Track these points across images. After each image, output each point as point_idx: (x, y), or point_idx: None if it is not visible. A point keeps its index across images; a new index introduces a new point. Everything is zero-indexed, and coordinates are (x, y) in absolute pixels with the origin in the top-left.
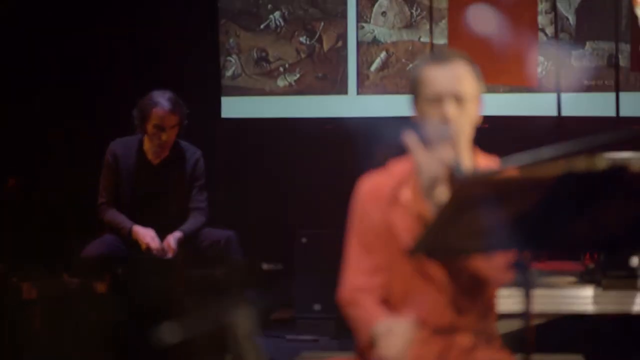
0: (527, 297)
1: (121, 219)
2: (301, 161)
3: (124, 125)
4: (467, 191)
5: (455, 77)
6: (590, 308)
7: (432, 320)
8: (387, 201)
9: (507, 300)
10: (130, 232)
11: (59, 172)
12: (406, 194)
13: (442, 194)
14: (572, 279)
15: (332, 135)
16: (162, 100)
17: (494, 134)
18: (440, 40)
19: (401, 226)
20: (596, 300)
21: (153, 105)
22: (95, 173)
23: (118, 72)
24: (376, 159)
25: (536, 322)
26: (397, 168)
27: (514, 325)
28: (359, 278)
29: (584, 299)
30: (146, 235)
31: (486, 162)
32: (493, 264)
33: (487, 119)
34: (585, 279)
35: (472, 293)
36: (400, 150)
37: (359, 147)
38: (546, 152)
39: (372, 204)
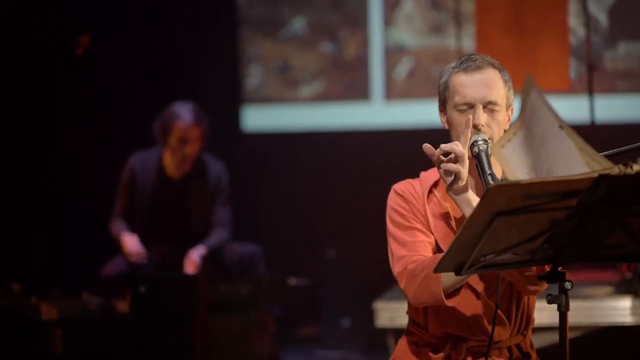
0: (563, 309)
1: (118, 228)
2: (327, 173)
3: (143, 137)
4: (497, 198)
5: (486, 84)
6: (628, 319)
7: (469, 332)
8: (423, 200)
9: (542, 313)
10: (119, 239)
11: (78, 188)
12: (438, 196)
13: (463, 185)
14: (608, 289)
15: (359, 147)
16: (184, 112)
17: None
18: (467, 44)
19: (435, 227)
20: (634, 311)
21: (175, 117)
22: (114, 189)
23: (136, 82)
24: (399, 171)
25: (572, 335)
26: (427, 175)
27: (550, 339)
28: (413, 256)
29: (621, 310)
30: (129, 242)
31: None
32: (528, 275)
33: None
34: (622, 289)
35: (510, 304)
36: (421, 164)
37: (386, 159)
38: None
39: (410, 199)
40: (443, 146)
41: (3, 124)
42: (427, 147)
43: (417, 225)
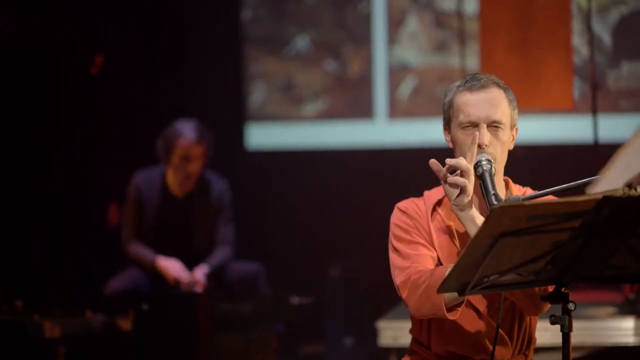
0: (566, 330)
1: (144, 252)
2: (330, 192)
3: (146, 154)
4: (501, 219)
5: (491, 103)
6: (631, 340)
7: (472, 351)
8: (427, 218)
9: (545, 333)
10: (154, 264)
11: (80, 204)
12: (442, 214)
13: (468, 201)
14: (611, 310)
15: (362, 165)
16: (187, 130)
17: (529, 163)
18: (471, 62)
19: (439, 245)
20: (637, 331)
21: (178, 135)
22: (117, 205)
23: (139, 98)
24: (403, 190)
25: (575, 355)
26: (430, 194)
27: (552, 359)
28: (416, 267)
29: (624, 330)
30: (173, 268)
31: (519, 193)
32: (531, 295)
33: (522, 147)
34: (625, 310)
35: (512, 324)
36: (425, 183)
37: (389, 177)
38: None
39: (414, 216)
40: (449, 161)
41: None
42: (433, 162)
43: (420, 240)
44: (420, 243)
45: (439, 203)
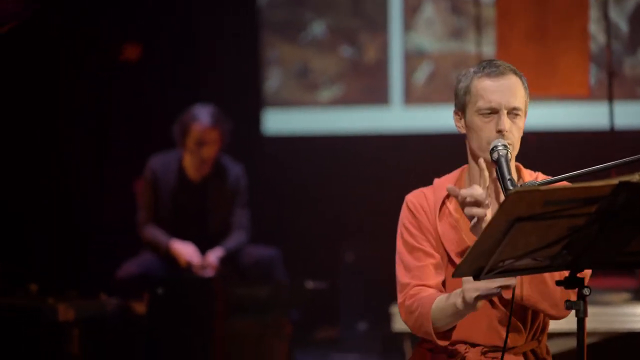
0: (581, 315)
1: (159, 235)
2: (345, 177)
3: (162, 139)
4: (516, 204)
5: (510, 90)
6: None
7: (484, 338)
8: (434, 214)
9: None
10: (168, 248)
11: (93, 188)
12: (451, 207)
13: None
14: (626, 295)
15: (377, 151)
16: (202, 115)
17: (545, 149)
18: (487, 49)
19: (449, 240)
20: None
21: (193, 119)
22: (129, 190)
23: (156, 84)
24: (418, 176)
25: (589, 340)
26: (441, 183)
27: (566, 344)
28: (417, 279)
29: (638, 316)
30: (186, 251)
31: (531, 178)
32: (548, 296)
33: (539, 133)
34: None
35: (525, 311)
36: (440, 168)
37: (404, 163)
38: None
39: (420, 215)
40: (464, 192)
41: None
42: (451, 189)
43: (424, 245)
44: (424, 250)
45: (448, 196)
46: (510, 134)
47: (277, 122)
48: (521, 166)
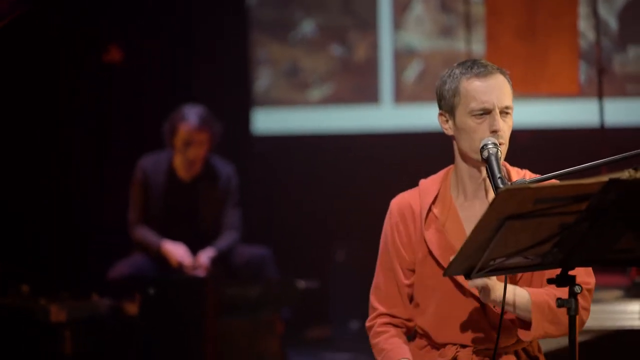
0: (573, 313)
1: (150, 235)
2: (336, 176)
3: (153, 139)
4: (507, 202)
5: (501, 90)
6: (637, 323)
7: (474, 340)
8: (420, 220)
9: None
10: (159, 248)
11: (86, 189)
12: (436, 212)
13: (499, 294)
14: (618, 293)
15: (368, 150)
16: (190, 115)
17: (535, 147)
18: (477, 47)
19: (435, 244)
20: None
21: (181, 120)
22: (124, 190)
23: (146, 84)
24: (408, 174)
25: (581, 338)
26: (426, 186)
27: (558, 342)
28: (384, 304)
29: (631, 314)
30: (177, 251)
31: (519, 176)
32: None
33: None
34: (632, 293)
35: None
36: (430, 167)
37: (395, 162)
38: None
39: (404, 224)
40: (471, 285)
41: (3, 123)
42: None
43: (396, 267)
44: (396, 271)
45: (434, 201)
46: (502, 132)
47: (267, 121)
48: (507, 164)
